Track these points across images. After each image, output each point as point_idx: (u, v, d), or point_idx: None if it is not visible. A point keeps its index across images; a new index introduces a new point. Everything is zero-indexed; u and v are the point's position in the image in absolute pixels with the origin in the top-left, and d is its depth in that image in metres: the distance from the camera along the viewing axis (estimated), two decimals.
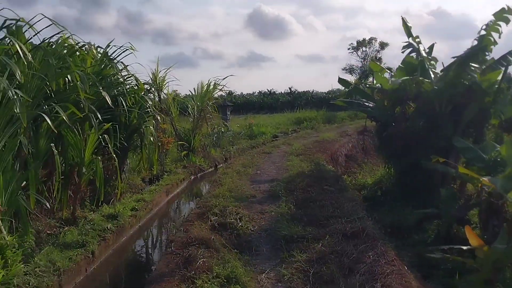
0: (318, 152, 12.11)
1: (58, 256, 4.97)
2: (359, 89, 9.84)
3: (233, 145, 16.81)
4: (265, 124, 23.18)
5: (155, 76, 13.13)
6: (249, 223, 5.72)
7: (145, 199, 8.08)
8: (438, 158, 6.05)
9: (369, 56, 50.86)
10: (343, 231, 4.98)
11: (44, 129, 6.01)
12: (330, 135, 16.13)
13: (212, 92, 14.85)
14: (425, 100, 8.28)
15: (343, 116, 27.52)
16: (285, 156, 11.59)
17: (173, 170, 11.27)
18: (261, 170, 9.50)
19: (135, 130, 9.04)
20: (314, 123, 23.34)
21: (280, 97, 48.86)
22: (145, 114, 9.06)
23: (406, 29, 8.43)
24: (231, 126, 20.98)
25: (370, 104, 9.70)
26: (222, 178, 8.30)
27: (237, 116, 31.47)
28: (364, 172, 14.61)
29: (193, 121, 14.16)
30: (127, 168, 10.09)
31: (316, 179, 7.83)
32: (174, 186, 9.97)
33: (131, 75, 8.59)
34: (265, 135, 19.41)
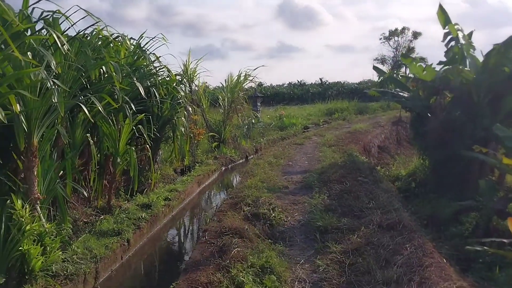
0: (350, 143, 11.93)
1: (95, 243, 5.07)
2: (393, 78, 9.58)
3: (263, 137, 16.78)
4: (295, 115, 23.03)
5: (186, 68, 13.20)
6: (282, 213, 5.67)
7: (178, 189, 8.15)
8: (481, 149, 5.80)
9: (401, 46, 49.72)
10: (378, 223, 4.87)
11: (80, 120, 6.13)
12: (362, 126, 15.86)
13: (242, 83, 14.82)
14: (463, 89, 7.99)
15: (375, 107, 27.05)
16: (317, 147, 11.47)
17: (204, 161, 11.33)
18: (293, 161, 9.42)
19: (167, 121, 9.12)
20: (345, 114, 23.05)
21: (310, 88, 48.45)
22: (177, 105, 9.12)
23: (443, 16, 8.12)
24: (262, 117, 20.95)
25: (404, 94, 9.46)
26: (254, 169, 8.28)
27: (267, 107, 31.40)
28: (398, 164, 14.31)
29: (224, 113, 14.18)
30: (160, 159, 10.22)
31: (349, 170, 7.70)
32: (206, 176, 10.02)
33: (163, 66, 8.65)
34: (295, 126, 19.29)
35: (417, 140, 9.34)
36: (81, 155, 6.66)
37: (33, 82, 3.92)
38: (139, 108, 7.62)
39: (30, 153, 4.31)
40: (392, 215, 5.11)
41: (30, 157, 4.32)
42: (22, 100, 4.07)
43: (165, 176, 9.57)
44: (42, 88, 4.29)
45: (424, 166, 9.46)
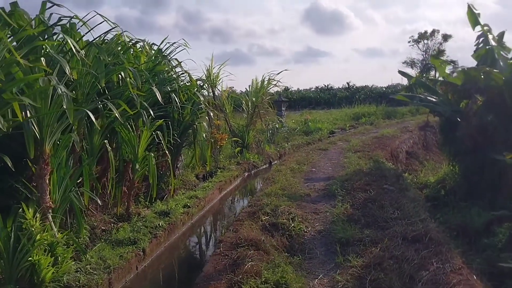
0: (377, 148, 11.58)
1: (109, 253, 4.96)
2: (421, 82, 9.22)
3: (288, 142, 16.56)
4: (321, 120, 22.74)
5: (209, 73, 13.14)
6: (302, 223, 5.44)
7: (198, 196, 8.02)
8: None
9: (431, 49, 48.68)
10: (403, 234, 4.58)
11: (98, 126, 6.07)
12: (390, 131, 15.44)
13: (266, 88, 14.64)
14: (495, 92, 7.60)
15: (403, 111, 26.45)
16: (342, 152, 11.17)
17: (227, 167, 11.20)
18: (316, 167, 9.17)
19: (188, 127, 9.03)
20: (373, 119, 22.59)
21: (337, 92, 48.08)
22: (198, 110, 9.03)
23: (472, 18, 7.75)
24: (286, 122, 20.73)
25: (433, 98, 9.09)
26: (275, 176, 8.07)
27: (293, 112, 31.20)
28: (426, 170, 13.85)
29: (247, 117, 14.04)
30: (181, 165, 10.14)
31: (375, 178, 7.40)
32: (227, 183, 9.87)
33: (185, 71, 8.56)
34: (321, 131, 18.99)
35: (446, 146, 8.96)
36: (100, 162, 6.61)
37: (42, 88, 3.83)
38: (159, 113, 7.55)
39: (42, 160, 4.24)
40: (418, 226, 4.81)
41: (42, 165, 4.24)
42: (34, 107, 4.00)
43: (187, 182, 9.47)
44: (54, 94, 4.22)
45: (454, 173, 9.06)
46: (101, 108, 5.84)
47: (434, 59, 9.02)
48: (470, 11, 7.73)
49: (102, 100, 5.61)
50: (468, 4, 7.65)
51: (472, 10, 7.74)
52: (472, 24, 7.78)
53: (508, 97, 7.35)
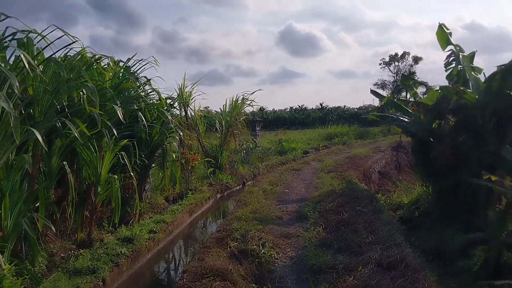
0: (350, 169, 11.46)
1: (65, 284, 4.60)
2: (392, 102, 9.18)
3: (262, 162, 16.35)
4: (295, 139, 22.69)
5: (181, 91, 12.87)
6: (273, 249, 5.16)
7: (166, 220, 7.66)
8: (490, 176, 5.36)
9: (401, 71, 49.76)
10: (378, 261, 4.35)
11: (57, 146, 5.71)
12: (362, 151, 15.42)
13: (240, 107, 14.45)
14: (467, 112, 7.59)
15: (375, 132, 26.71)
16: (316, 173, 11.00)
17: (199, 188, 10.86)
18: (290, 188, 8.94)
19: (157, 147, 8.71)
20: (345, 139, 22.66)
21: (311, 113, 48.67)
22: (167, 130, 8.73)
23: (444, 37, 7.77)
24: (261, 142, 20.57)
25: (405, 118, 9.06)
26: (247, 198, 7.79)
27: (268, 132, 31.22)
28: (399, 191, 13.81)
29: (221, 137, 13.77)
30: (150, 187, 9.77)
31: (348, 199, 7.21)
32: (198, 205, 9.53)
33: (153, 89, 8.28)
34: (295, 151, 18.90)
35: (419, 167, 8.88)
36: (61, 184, 6.23)
37: None
38: (125, 133, 7.24)
39: None
40: (393, 251, 4.60)
41: None
42: None
43: (155, 205, 9.09)
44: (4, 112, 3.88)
45: (428, 194, 8.99)
46: (60, 127, 5.49)
47: (404, 79, 8.97)
48: (441, 31, 7.75)
49: (60, 118, 5.26)
50: (439, 23, 7.67)
51: (444, 30, 7.76)
52: (443, 44, 7.79)
53: (480, 118, 7.34)
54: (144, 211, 8.45)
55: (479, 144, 7.53)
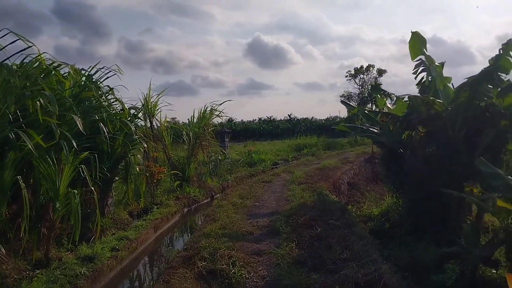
0: (320, 180, 11.32)
1: None
2: (363, 113, 9.13)
3: (231, 174, 16.06)
4: (265, 151, 22.53)
5: (146, 101, 12.48)
6: (244, 268, 4.85)
7: (129, 236, 7.25)
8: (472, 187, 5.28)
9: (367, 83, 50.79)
10: (355, 279, 4.14)
11: (10, 159, 5.28)
12: (331, 162, 15.36)
13: (208, 118, 14.14)
14: (437, 123, 7.57)
15: (343, 143, 26.90)
16: (286, 185, 10.79)
17: (165, 202, 10.46)
18: (260, 201, 8.69)
19: (120, 159, 8.32)
20: (314, 150, 22.67)
21: (280, 124, 48.85)
22: (131, 141, 8.35)
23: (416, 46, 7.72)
24: (230, 153, 20.30)
25: (374, 129, 9.00)
26: (216, 212, 7.48)
27: (237, 143, 31.03)
28: (369, 202, 13.79)
29: (188, 149, 13.41)
30: (113, 201, 9.32)
31: (320, 212, 7.01)
32: (164, 220, 9.13)
33: (116, 99, 7.89)
34: (265, 163, 18.72)
35: (389, 178, 8.81)
36: (16, 200, 5.79)
37: None
38: (86, 145, 6.84)
39: None
40: (370, 268, 4.40)
41: None
42: None
43: (118, 221, 8.65)
44: None
45: (398, 205, 8.91)
46: (13, 138, 5.08)
47: (374, 90, 8.85)
48: (414, 39, 7.69)
49: (13, 129, 4.86)
50: (412, 31, 7.63)
51: (418, 38, 7.69)
52: (415, 53, 7.74)
53: (450, 128, 7.32)
54: (106, 227, 8.02)
55: (450, 155, 7.51)
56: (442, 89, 7.49)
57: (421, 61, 7.76)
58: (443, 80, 7.59)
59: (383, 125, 8.67)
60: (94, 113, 6.97)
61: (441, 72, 7.58)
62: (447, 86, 7.52)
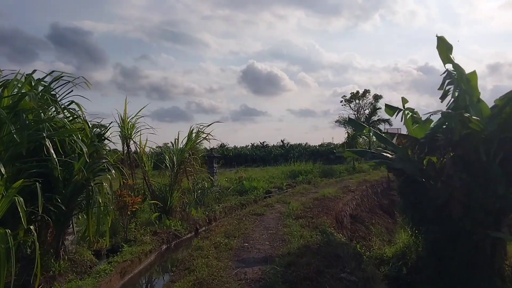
0: (320, 213, 9.78)
1: None
2: (376, 134, 7.66)
3: (219, 203, 14.49)
4: (257, 177, 21.05)
5: (123, 121, 11.01)
6: None
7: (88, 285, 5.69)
8: None
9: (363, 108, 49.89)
10: None
11: None
12: (330, 191, 13.84)
13: (194, 141, 12.62)
14: (467, 146, 6.18)
15: (340, 170, 25.46)
16: (281, 219, 9.23)
17: (139, 238, 8.86)
18: (250, 241, 7.09)
19: (80, 189, 6.78)
20: (310, 177, 21.21)
21: (273, 150, 47.82)
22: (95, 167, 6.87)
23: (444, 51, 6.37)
24: (219, 180, 18.77)
25: (388, 153, 7.59)
26: (193, 258, 5.85)
27: (229, 169, 29.70)
28: (376, 236, 12.27)
29: (171, 175, 11.85)
30: (75, 239, 7.74)
31: (327, 260, 5.45)
32: (135, 262, 7.54)
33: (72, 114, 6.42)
34: (257, 191, 17.22)
35: (408, 212, 7.33)
36: None
37: None
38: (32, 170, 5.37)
39: None
40: None
41: None
42: None
43: (79, 263, 7.09)
44: None
45: (417, 245, 7.42)
46: None
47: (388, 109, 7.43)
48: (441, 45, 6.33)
49: None
50: (437, 36, 6.28)
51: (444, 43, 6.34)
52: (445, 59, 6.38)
53: (484, 152, 5.91)
54: (61, 272, 6.45)
55: (484, 185, 6.12)
56: (475, 104, 6.09)
57: (447, 73, 6.41)
58: (474, 93, 6.19)
59: (400, 149, 7.25)
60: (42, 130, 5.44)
61: (474, 84, 6.18)
62: (481, 101, 6.11)
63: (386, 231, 14.01)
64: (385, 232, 13.83)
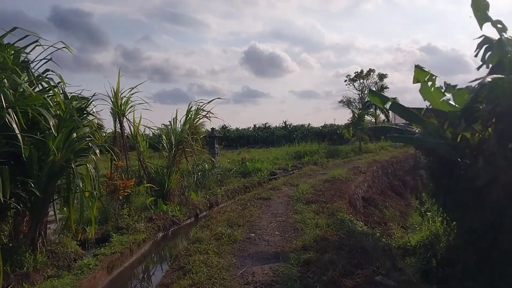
0: (333, 197, 8.82)
1: None
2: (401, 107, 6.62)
3: (221, 186, 13.54)
4: (260, 159, 20.07)
5: (115, 96, 9.98)
6: None
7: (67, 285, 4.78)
8: None
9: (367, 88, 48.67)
10: None
11: None
12: (340, 172, 12.84)
13: (193, 120, 11.60)
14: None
15: (346, 150, 24.44)
16: (290, 203, 8.26)
17: (132, 226, 7.94)
18: (257, 231, 6.11)
19: (59, 171, 5.82)
20: (316, 158, 20.21)
21: (275, 131, 46.82)
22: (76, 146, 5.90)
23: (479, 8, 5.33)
24: (221, 161, 17.81)
25: (412, 129, 6.58)
26: (190, 254, 4.86)
27: (230, 150, 28.64)
28: (391, 220, 11.37)
29: (169, 156, 10.88)
30: (58, 228, 6.82)
31: (352, 256, 4.46)
32: (125, 255, 6.62)
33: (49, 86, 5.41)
34: (261, 172, 16.24)
35: (440, 196, 6.32)
36: None
37: None
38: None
39: None
40: None
41: None
42: None
43: (61, 256, 6.19)
44: None
45: (448, 234, 6.47)
46: None
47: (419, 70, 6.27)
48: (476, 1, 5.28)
49: None
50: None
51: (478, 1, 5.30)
52: (480, 19, 5.34)
53: None
54: (38, 268, 5.54)
55: None
56: None
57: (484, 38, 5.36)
58: None
59: (428, 124, 6.23)
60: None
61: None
62: None
63: (399, 215, 13.10)
64: (399, 216, 12.93)
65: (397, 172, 18.90)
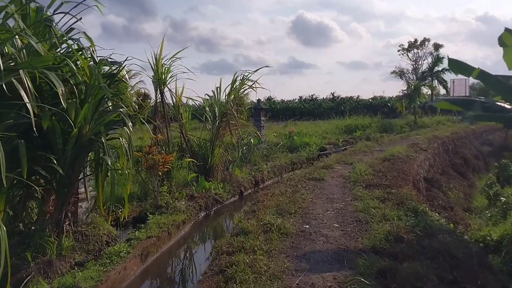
0: (396, 178, 7.75)
1: None
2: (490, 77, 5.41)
3: (267, 161, 12.66)
4: (308, 132, 19.02)
5: (156, 65, 9.22)
6: None
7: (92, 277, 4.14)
8: None
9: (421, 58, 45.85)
10: None
11: None
12: (400, 149, 11.61)
13: (238, 90, 10.69)
14: None
15: (401, 124, 22.92)
16: (347, 186, 7.27)
17: (172, 204, 7.25)
18: (312, 221, 5.19)
19: (86, 147, 5.11)
20: (369, 132, 18.97)
21: (322, 103, 45.19)
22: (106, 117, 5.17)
23: None
24: (267, 135, 16.91)
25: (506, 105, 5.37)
26: (233, 252, 3.98)
27: (276, 123, 27.66)
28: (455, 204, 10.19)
29: (212, 129, 10.08)
30: (90, 206, 6.19)
31: (439, 266, 3.42)
32: (163, 239, 5.93)
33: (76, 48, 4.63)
34: (309, 147, 15.22)
35: None
36: None
37: None
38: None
39: None
40: None
41: None
42: None
43: (92, 238, 5.57)
44: None
45: None
46: None
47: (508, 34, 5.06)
48: None
49: None
50: None
51: None
52: None
53: None
54: (63, 254, 4.91)
55: None
56: None
57: None
58: None
59: None
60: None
61: None
62: None
63: (464, 197, 11.83)
64: (463, 198, 11.66)
65: (458, 149, 17.39)
